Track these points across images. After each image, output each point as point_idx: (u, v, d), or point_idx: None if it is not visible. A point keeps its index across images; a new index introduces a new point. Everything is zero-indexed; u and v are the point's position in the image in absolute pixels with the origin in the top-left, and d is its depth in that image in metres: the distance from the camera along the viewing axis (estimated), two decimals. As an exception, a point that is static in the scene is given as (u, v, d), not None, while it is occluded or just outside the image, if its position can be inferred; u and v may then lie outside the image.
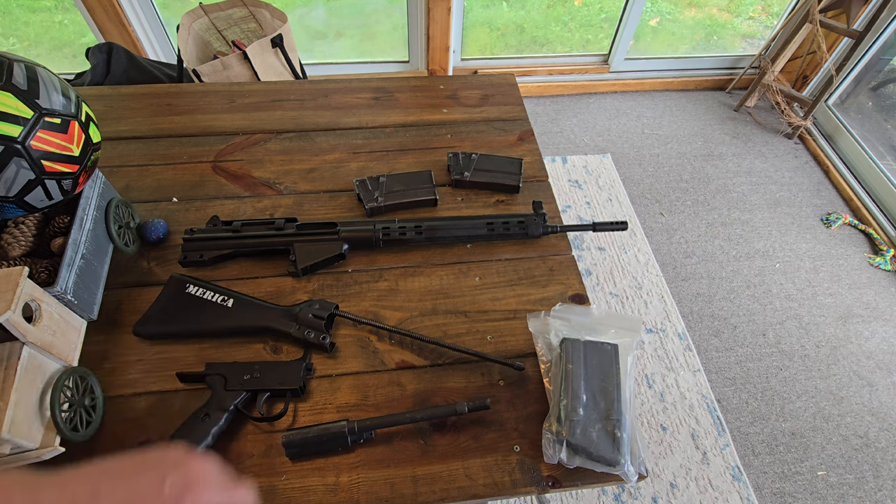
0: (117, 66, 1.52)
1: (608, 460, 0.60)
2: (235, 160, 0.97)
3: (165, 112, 1.05)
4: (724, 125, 2.36)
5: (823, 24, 2.05)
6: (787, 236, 1.95)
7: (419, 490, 0.61)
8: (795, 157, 2.25)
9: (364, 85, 1.13)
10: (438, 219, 0.84)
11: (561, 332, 0.70)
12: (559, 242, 0.87)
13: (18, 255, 0.71)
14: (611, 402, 0.63)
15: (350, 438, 0.61)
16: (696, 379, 1.55)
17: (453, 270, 0.82)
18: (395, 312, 0.77)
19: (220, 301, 0.73)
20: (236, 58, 1.46)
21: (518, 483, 0.62)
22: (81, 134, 0.67)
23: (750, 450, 1.43)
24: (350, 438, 0.61)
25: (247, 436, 0.64)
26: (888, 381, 1.58)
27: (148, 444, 0.63)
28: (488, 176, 0.93)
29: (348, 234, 0.81)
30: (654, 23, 2.54)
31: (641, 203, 2.03)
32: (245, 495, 0.42)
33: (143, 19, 1.95)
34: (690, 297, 1.75)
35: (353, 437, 0.61)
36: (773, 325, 1.70)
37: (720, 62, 2.50)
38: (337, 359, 0.71)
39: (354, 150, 1.00)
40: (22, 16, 2.28)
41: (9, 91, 0.59)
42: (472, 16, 2.35)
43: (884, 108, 2.17)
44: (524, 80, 2.38)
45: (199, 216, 0.87)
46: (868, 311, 1.75)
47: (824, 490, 1.37)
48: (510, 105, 1.12)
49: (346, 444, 0.62)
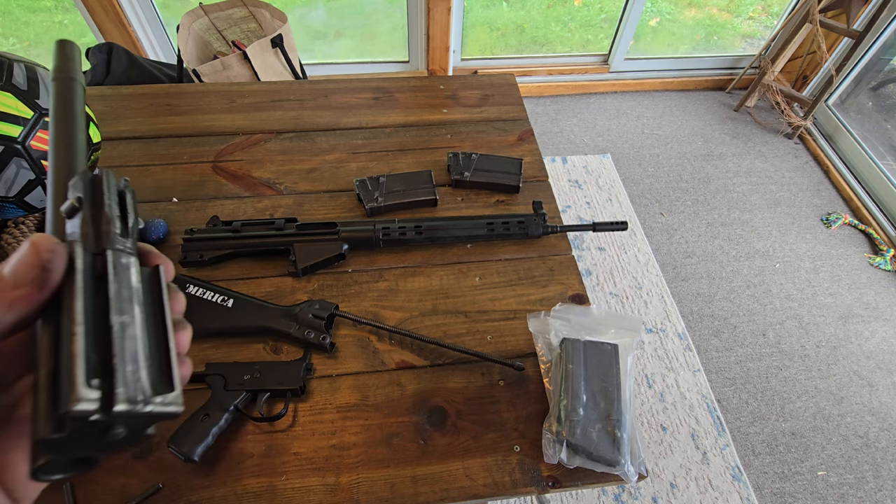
0: (117, 66, 1.52)
1: (608, 460, 0.60)
2: (235, 160, 0.97)
3: (165, 112, 1.05)
4: (724, 125, 2.36)
5: (823, 24, 2.05)
6: (787, 236, 1.95)
7: (419, 490, 0.61)
8: (795, 157, 2.25)
9: (364, 85, 1.13)
10: (438, 219, 0.84)
11: (561, 332, 0.70)
12: (559, 242, 0.87)
13: (18, 255, 0.71)
14: (611, 402, 0.63)
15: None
16: (696, 379, 1.55)
17: (453, 270, 0.82)
18: (395, 312, 0.77)
19: (220, 301, 0.73)
20: (236, 58, 1.46)
21: (518, 483, 0.62)
22: (81, 134, 0.67)
23: (750, 450, 1.43)
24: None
25: (247, 436, 0.64)
26: (888, 381, 1.58)
27: (148, 444, 0.63)
28: (488, 176, 0.93)
29: (348, 234, 0.81)
30: (654, 23, 2.54)
31: (641, 203, 2.03)
32: None
33: (143, 19, 1.95)
34: (690, 297, 1.75)
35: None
36: (773, 325, 1.70)
37: (720, 62, 2.50)
38: (337, 359, 0.71)
39: (354, 150, 1.00)
40: (22, 16, 2.28)
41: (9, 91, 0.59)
42: (472, 16, 2.35)
43: (884, 108, 2.16)
44: (524, 80, 2.38)
45: (199, 216, 0.87)
46: (868, 311, 1.75)
47: (824, 490, 1.37)
48: (510, 105, 1.12)
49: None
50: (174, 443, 0.59)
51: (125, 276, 0.22)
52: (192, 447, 0.59)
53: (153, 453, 0.62)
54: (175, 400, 0.20)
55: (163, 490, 0.60)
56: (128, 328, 0.20)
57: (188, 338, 0.25)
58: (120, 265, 0.22)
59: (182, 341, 0.24)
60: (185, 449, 0.59)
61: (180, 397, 0.21)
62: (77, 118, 0.27)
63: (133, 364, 0.19)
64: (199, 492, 0.60)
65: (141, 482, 0.60)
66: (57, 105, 0.27)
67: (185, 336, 0.25)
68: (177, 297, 0.25)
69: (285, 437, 0.64)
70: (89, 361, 0.19)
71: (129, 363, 0.19)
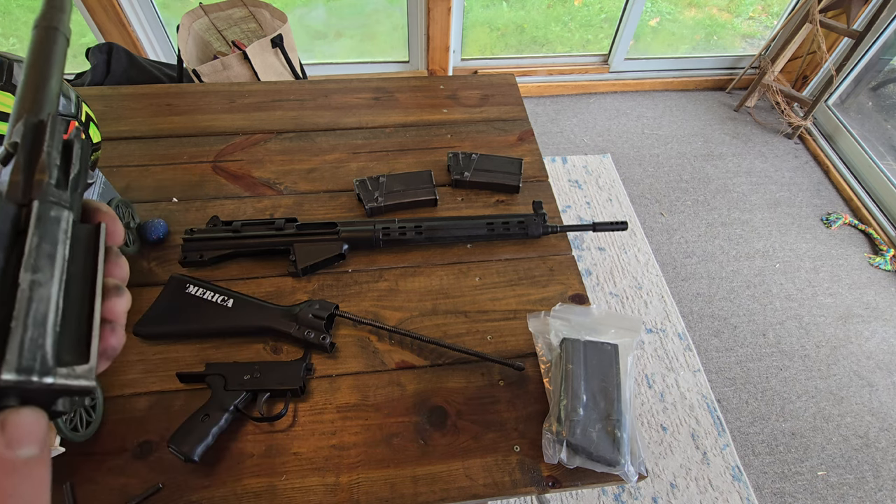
0: (117, 66, 1.52)
1: (608, 460, 0.60)
2: (235, 160, 0.97)
3: (165, 112, 1.05)
4: (724, 125, 2.36)
5: (823, 24, 2.05)
6: (787, 236, 1.95)
7: (419, 490, 0.61)
8: (795, 157, 2.25)
9: (364, 85, 1.13)
10: (438, 219, 0.84)
11: (561, 332, 0.70)
12: (559, 242, 0.87)
13: (18, 255, 0.71)
14: (611, 402, 0.63)
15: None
16: (696, 379, 1.55)
17: (453, 270, 0.82)
18: (395, 312, 0.77)
19: (220, 301, 0.73)
20: (236, 58, 1.46)
21: (518, 483, 0.62)
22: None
23: (750, 450, 1.43)
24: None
25: (247, 436, 0.64)
26: (888, 381, 1.58)
27: (148, 444, 0.63)
28: (488, 176, 0.93)
29: (348, 234, 0.81)
30: (654, 23, 2.54)
31: (641, 203, 2.03)
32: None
33: (143, 19, 1.95)
34: (690, 297, 1.75)
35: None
36: (773, 325, 1.70)
37: (720, 62, 2.50)
38: (337, 359, 0.71)
39: (354, 150, 1.00)
40: (22, 16, 2.28)
41: (9, 91, 0.59)
42: (472, 16, 2.35)
43: (884, 108, 2.16)
44: (524, 80, 2.37)
45: (199, 216, 0.87)
46: (868, 311, 1.75)
47: (824, 490, 1.37)
48: (510, 105, 1.12)
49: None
50: (174, 443, 0.59)
51: (51, 231, 0.19)
52: (192, 447, 0.59)
53: (153, 453, 0.62)
54: (85, 374, 0.18)
55: (163, 490, 0.60)
56: (39, 288, 0.18)
57: (123, 305, 0.23)
58: (47, 218, 0.19)
59: (116, 308, 0.22)
60: (185, 449, 0.59)
61: (93, 371, 0.19)
62: (53, 68, 0.24)
63: (38, 329, 0.17)
64: (199, 492, 0.60)
65: (141, 482, 0.60)
66: (32, 53, 0.23)
67: (120, 304, 0.23)
68: (118, 261, 0.23)
69: (285, 437, 0.64)
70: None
71: (31, 328, 0.17)
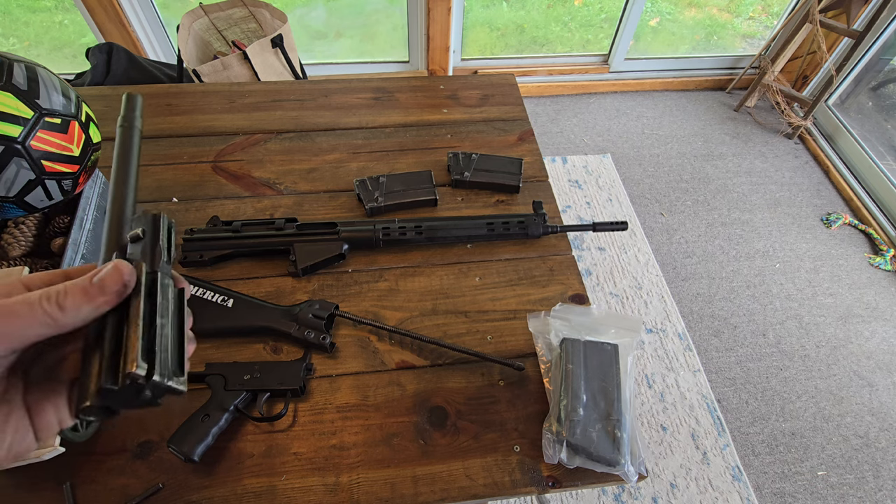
0: (117, 66, 1.52)
1: (608, 460, 0.60)
2: (235, 160, 0.97)
3: (165, 112, 1.05)
4: (724, 125, 2.36)
5: (823, 24, 2.05)
6: (787, 236, 1.95)
7: (419, 490, 0.61)
8: (795, 157, 2.25)
9: (364, 85, 1.13)
10: (438, 219, 0.84)
11: (561, 332, 0.70)
12: (559, 242, 0.87)
13: (18, 255, 0.71)
14: (611, 402, 0.63)
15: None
16: (696, 379, 1.55)
17: (453, 270, 0.82)
18: (395, 312, 0.77)
19: (220, 301, 0.73)
20: (236, 58, 1.46)
21: (518, 483, 0.62)
22: (81, 134, 0.67)
23: (750, 450, 1.43)
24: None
25: (247, 436, 0.64)
26: (888, 381, 1.58)
27: (148, 444, 0.63)
28: (488, 176, 0.93)
29: (348, 234, 0.81)
30: (654, 23, 2.54)
31: (641, 203, 2.03)
32: None
33: (143, 19, 1.95)
34: (690, 297, 1.75)
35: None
36: (774, 325, 1.70)
37: (720, 62, 2.50)
38: (337, 359, 0.71)
39: (354, 150, 1.00)
40: (22, 16, 2.28)
41: (9, 91, 0.59)
42: (472, 16, 2.35)
43: (884, 108, 2.16)
44: (524, 80, 2.38)
45: (199, 216, 0.87)
46: (868, 311, 1.75)
47: (824, 490, 1.37)
48: (510, 105, 1.12)
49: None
50: (174, 443, 0.59)
51: (166, 293, 0.30)
52: (192, 447, 0.59)
53: (153, 453, 0.62)
54: (184, 382, 0.29)
55: (163, 490, 0.60)
56: (165, 328, 0.29)
57: (193, 348, 0.34)
58: (165, 285, 0.31)
59: (189, 348, 0.32)
60: (185, 449, 0.59)
61: (186, 381, 0.29)
62: (132, 161, 0.36)
63: (165, 353, 0.28)
64: (199, 492, 0.60)
65: (141, 482, 0.60)
66: (119, 149, 0.37)
67: (192, 346, 0.33)
68: (190, 313, 0.33)
69: (285, 437, 0.64)
70: (142, 345, 0.27)
71: (163, 351, 0.28)
